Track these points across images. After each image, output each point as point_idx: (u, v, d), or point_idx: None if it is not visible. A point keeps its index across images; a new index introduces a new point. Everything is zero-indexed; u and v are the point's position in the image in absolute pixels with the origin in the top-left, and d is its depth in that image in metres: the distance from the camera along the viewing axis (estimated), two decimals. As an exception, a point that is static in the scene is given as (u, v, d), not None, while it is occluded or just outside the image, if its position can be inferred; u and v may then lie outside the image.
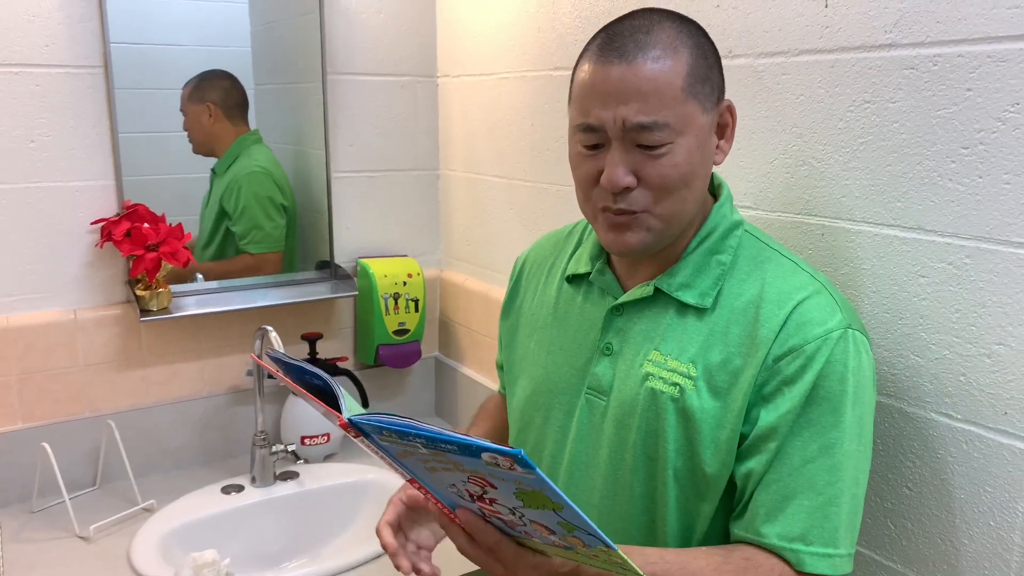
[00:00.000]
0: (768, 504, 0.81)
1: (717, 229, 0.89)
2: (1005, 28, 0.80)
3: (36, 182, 1.43)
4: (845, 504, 0.80)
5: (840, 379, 0.80)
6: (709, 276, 0.87)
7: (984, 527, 0.87)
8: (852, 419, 0.81)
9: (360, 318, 1.76)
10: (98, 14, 1.42)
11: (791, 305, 0.82)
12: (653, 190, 0.82)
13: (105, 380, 1.52)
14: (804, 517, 0.80)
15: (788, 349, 0.81)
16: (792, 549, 0.80)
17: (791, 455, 0.81)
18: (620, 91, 0.80)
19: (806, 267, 0.87)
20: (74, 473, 1.49)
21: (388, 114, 1.74)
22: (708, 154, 0.85)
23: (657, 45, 0.80)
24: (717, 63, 0.85)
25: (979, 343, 0.86)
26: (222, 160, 1.61)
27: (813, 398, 0.80)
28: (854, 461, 0.81)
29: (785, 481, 0.81)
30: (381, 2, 1.69)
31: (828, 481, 0.80)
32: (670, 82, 0.79)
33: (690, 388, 0.84)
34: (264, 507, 1.48)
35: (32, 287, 1.45)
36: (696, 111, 0.81)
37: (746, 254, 0.88)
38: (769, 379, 0.81)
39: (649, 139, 0.80)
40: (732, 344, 0.84)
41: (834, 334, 0.81)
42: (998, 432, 0.85)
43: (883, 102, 0.91)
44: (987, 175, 0.83)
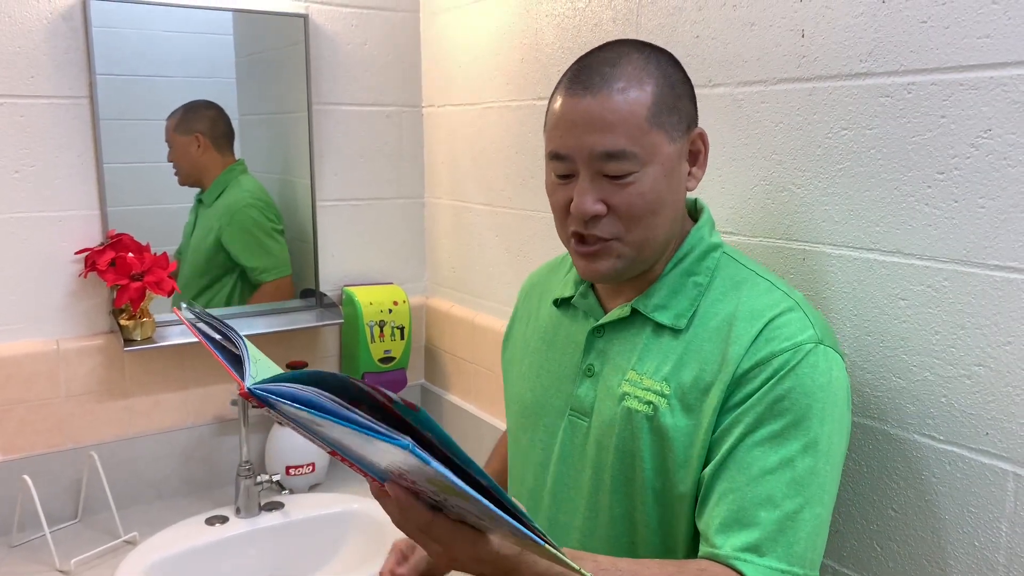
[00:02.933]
0: (724, 515, 0.80)
1: (694, 251, 0.90)
2: (976, 57, 0.82)
3: (20, 212, 1.42)
4: (805, 522, 0.78)
5: (806, 393, 0.80)
6: (685, 297, 0.88)
7: (969, 547, 0.87)
8: (819, 435, 0.79)
9: (346, 346, 1.75)
10: (83, 45, 1.43)
11: (763, 322, 0.83)
12: (622, 218, 0.84)
13: (87, 411, 1.50)
14: (758, 529, 0.78)
15: (756, 362, 0.81)
16: (745, 560, 0.77)
17: (750, 465, 0.79)
18: (586, 122, 0.82)
19: (783, 286, 0.88)
20: (55, 506, 1.47)
21: (373, 143, 1.76)
22: (677, 182, 0.86)
23: (622, 77, 0.82)
24: (688, 93, 0.87)
25: (959, 364, 0.87)
26: (210, 190, 1.61)
27: (777, 410, 0.80)
28: (819, 480, 0.79)
29: (743, 491, 0.79)
30: (366, 33, 1.71)
31: (787, 495, 0.78)
32: (634, 112, 0.82)
33: (663, 406, 0.85)
34: (249, 538, 1.46)
35: (15, 317, 1.44)
36: (662, 141, 0.83)
37: (723, 275, 0.89)
38: (735, 390, 0.82)
39: (615, 169, 0.82)
40: (704, 362, 0.84)
41: (804, 348, 0.81)
42: (980, 452, 0.86)
43: (860, 129, 0.93)
44: (962, 199, 0.85)
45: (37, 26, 1.40)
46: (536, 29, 1.43)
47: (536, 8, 1.43)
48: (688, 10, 1.12)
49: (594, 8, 1.29)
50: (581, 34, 1.33)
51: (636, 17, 1.21)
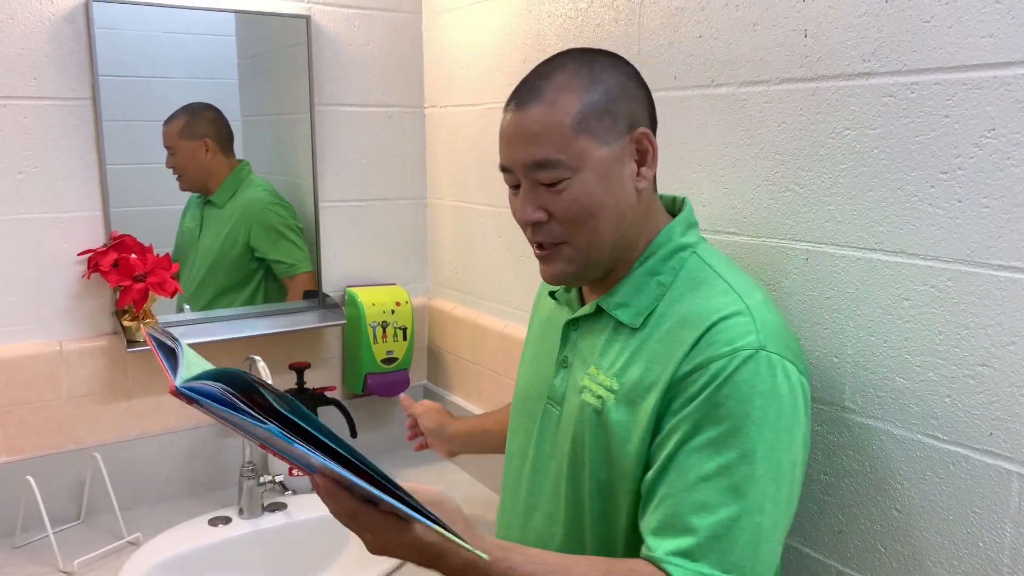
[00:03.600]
0: (660, 519, 0.81)
1: (659, 250, 0.91)
2: (979, 56, 0.82)
3: (23, 213, 1.43)
4: (744, 529, 0.78)
5: (743, 400, 0.79)
6: (647, 296, 0.90)
7: (973, 548, 0.87)
8: (758, 442, 0.79)
9: (348, 347, 1.75)
10: (86, 47, 1.43)
11: (706, 325, 0.83)
12: (562, 223, 0.88)
13: (90, 412, 1.50)
14: (691, 535, 0.78)
15: (695, 366, 0.82)
16: (675, 564, 0.78)
17: (688, 471, 0.80)
18: (517, 135, 0.87)
19: (741, 288, 0.87)
20: (58, 507, 1.47)
21: (376, 144, 1.76)
22: (618, 183, 0.87)
23: (549, 89, 0.86)
24: (629, 96, 0.88)
25: (963, 364, 0.87)
26: (220, 192, 1.61)
27: (715, 416, 0.80)
28: (760, 487, 0.78)
29: (679, 498, 0.80)
30: (369, 34, 1.71)
31: (722, 502, 0.78)
32: (558, 122, 0.85)
33: (611, 401, 0.88)
34: (252, 539, 1.46)
35: (17, 318, 1.45)
36: (591, 146, 0.85)
37: (686, 275, 0.89)
38: (677, 395, 0.82)
39: (547, 177, 0.86)
40: (652, 362, 0.86)
41: (742, 353, 0.80)
42: (984, 453, 0.86)
43: (863, 129, 0.93)
44: (966, 199, 0.85)
45: (40, 28, 1.40)
46: (538, 30, 1.43)
47: (538, 8, 1.43)
48: (690, 10, 1.12)
49: (596, 9, 1.29)
50: (583, 34, 1.33)
51: (638, 17, 1.21)
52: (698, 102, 1.12)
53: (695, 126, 1.13)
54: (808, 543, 1.05)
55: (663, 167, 1.19)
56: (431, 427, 1.39)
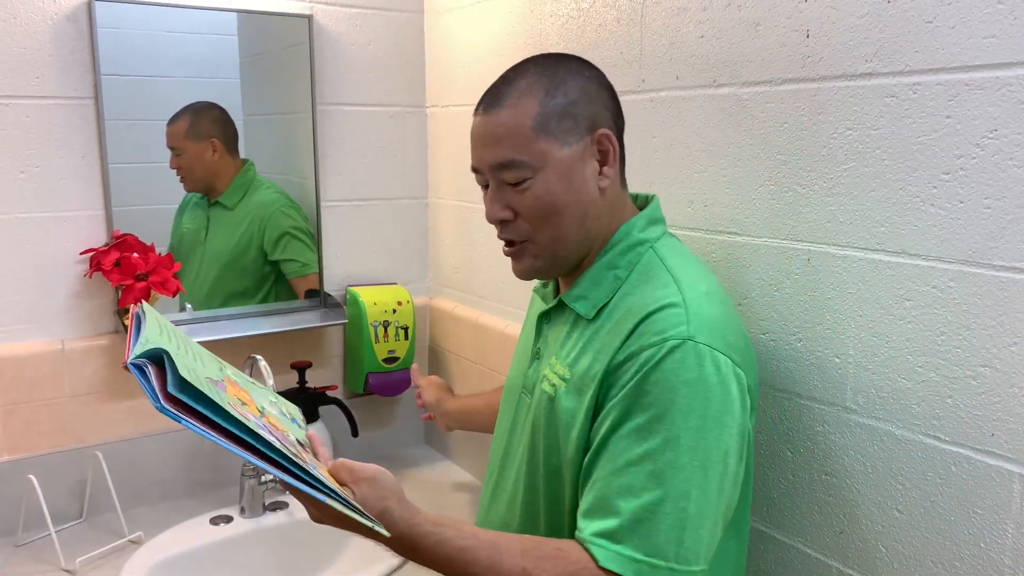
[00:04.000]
0: (590, 502, 0.84)
1: (618, 245, 0.94)
2: (981, 57, 0.82)
3: (25, 212, 1.43)
4: (667, 514, 0.80)
5: (668, 387, 0.82)
6: (603, 289, 0.93)
7: (974, 549, 0.87)
8: (683, 430, 0.81)
9: (349, 346, 1.75)
10: (89, 46, 1.44)
11: (641, 316, 0.86)
12: (527, 220, 0.92)
13: (92, 411, 1.51)
14: (616, 517, 0.81)
15: (627, 355, 0.85)
16: (598, 544, 0.81)
17: (616, 457, 0.83)
18: (482, 138, 0.93)
19: (684, 282, 0.89)
20: (60, 505, 1.47)
21: (377, 144, 1.76)
22: (580, 182, 0.91)
23: (511, 94, 0.91)
24: (587, 98, 0.92)
25: (965, 365, 0.87)
26: (229, 192, 1.61)
27: (642, 403, 0.83)
28: (684, 474, 0.81)
29: (607, 481, 0.83)
30: (370, 33, 1.71)
31: (646, 486, 0.81)
32: (520, 123, 0.89)
33: (562, 389, 0.92)
34: (253, 538, 1.46)
35: (19, 317, 1.45)
36: (552, 147, 0.90)
37: (640, 269, 0.93)
38: (612, 383, 0.86)
39: (511, 177, 0.91)
40: (598, 352, 0.89)
41: (669, 343, 0.83)
42: (986, 454, 0.86)
43: (865, 129, 0.93)
44: (968, 200, 0.85)
45: (42, 27, 1.40)
46: (540, 30, 1.43)
47: (540, 8, 1.43)
48: (692, 10, 1.12)
49: (598, 8, 1.29)
50: (585, 34, 1.33)
51: (640, 17, 1.21)
52: (700, 102, 1.12)
53: (697, 126, 1.13)
54: (809, 543, 1.05)
55: (664, 167, 1.19)
56: (431, 401, 1.49)
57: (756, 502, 1.11)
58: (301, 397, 1.63)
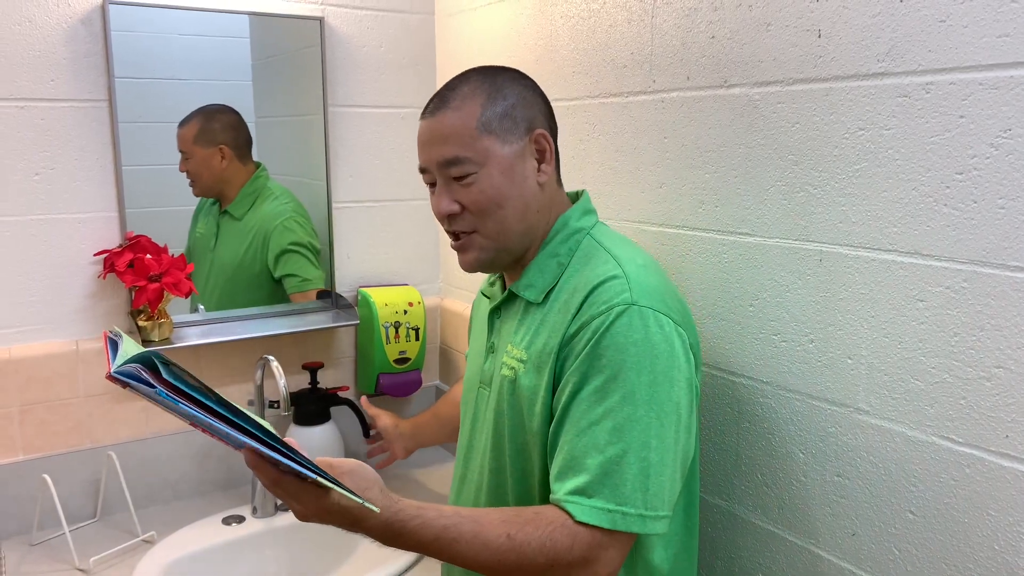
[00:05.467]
0: (560, 464, 0.90)
1: (558, 235, 1.02)
2: (995, 56, 0.82)
3: (40, 214, 1.44)
4: (631, 464, 0.86)
5: (619, 349, 0.88)
6: (548, 275, 1.00)
7: (988, 551, 0.87)
8: (637, 386, 0.88)
9: (361, 347, 1.76)
10: (103, 49, 1.45)
11: (587, 290, 0.93)
12: (473, 213, 0.98)
13: (106, 411, 1.52)
14: (585, 474, 0.87)
15: (579, 326, 0.92)
16: (572, 501, 0.87)
17: (579, 419, 0.89)
18: (429, 138, 0.99)
19: (622, 258, 0.96)
20: (74, 505, 1.49)
21: (389, 145, 1.76)
22: (521, 178, 0.98)
23: (456, 97, 0.98)
24: (524, 102, 0.99)
25: (978, 366, 0.86)
26: (238, 202, 1.61)
27: (597, 367, 0.89)
28: (642, 426, 0.87)
29: (573, 443, 0.89)
30: (381, 35, 1.72)
31: (609, 441, 0.87)
32: (464, 123, 0.96)
33: (521, 370, 0.98)
34: (265, 538, 1.47)
35: (34, 318, 1.46)
36: (495, 145, 0.97)
37: (580, 254, 1.00)
38: (568, 354, 0.93)
39: (456, 172, 0.97)
40: (552, 330, 0.96)
41: (615, 309, 0.90)
42: (1000, 455, 0.85)
43: (878, 129, 0.93)
44: (981, 200, 0.84)
45: (57, 30, 1.41)
46: (551, 31, 1.43)
47: (551, 10, 1.43)
48: (703, 10, 1.12)
49: (609, 9, 1.29)
50: (596, 35, 1.33)
51: (651, 18, 1.21)
52: (711, 103, 1.12)
53: (708, 127, 1.13)
54: (821, 545, 1.04)
55: (675, 167, 1.19)
56: (388, 425, 1.51)
57: (768, 503, 1.10)
58: (312, 397, 1.63)
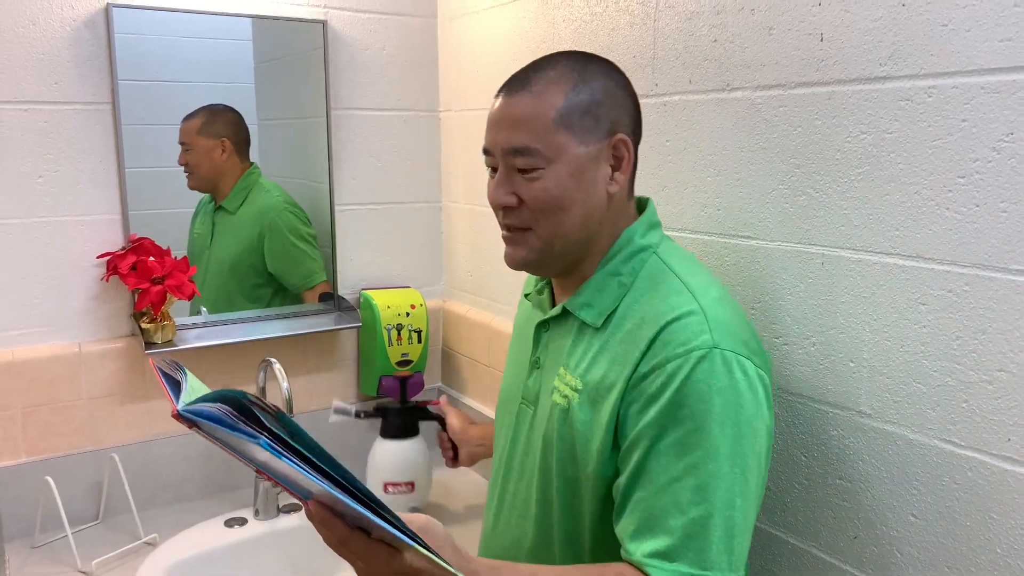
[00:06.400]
0: (636, 522, 0.83)
1: (621, 252, 0.94)
2: (998, 60, 0.82)
3: (43, 216, 1.44)
4: (716, 527, 0.80)
5: (702, 398, 0.81)
6: (608, 296, 0.92)
7: (991, 554, 0.87)
8: (721, 439, 0.81)
9: (363, 349, 1.76)
10: (106, 52, 1.45)
11: (660, 325, 0.85)
12: (531, 210, 0.91)
13: (109, 413, 1.52)
14: (667, 536, 0.81)
15: (652, 367, 0.84)
16: (654, 565, 0.81)
17: (658, 474, 0.82)
18: (500, 119, 0.91)
19: (697, 287, 0.89)
20: (77, 507, 1.49)
21: (391, 148, 1.77)
22: (590, 183, 0.90)
23: (539, 81, 0.89)
24: (616, 102, 0.91)
25: (980, 370, 0.86)
26: (231, 197, 1.62)
27: (675, 417, 0.82)
28: (726, 483, 0.81)
29: (651, 500, 0.82)
30: (384, 38, 1.72)
31: (692, 501, 0.80)
32: (541, 113, 0.88)
33: (576, 401, 0.91)
34: (267, 540, 1.47)
35: (37, 321, 1.46)
36: (570, 142, 0.89)
37: (645, 275, 0.92)
38: (637, 396, 0.85)
39: (521, 163, 0.89)
40: (613, 361, 0.88)
41: (696, 353, 0.82)
42: (1002, 459, 0.85)
43: (880, 133, 0.93)
44: (984, 204, 0.84)
45: (61, 33, 1.42)
46: (553, 34, 1.44)
47: (553, 13, 1.43)
48: (706, 14, 1.12)
49: (611, 13, 1.30)
50: (598, 39, 1.33)
51: (653, 21, 1.21)
52: (713, 106, 1.12)
53: (710, 130, 1.13)
54: (824, 548, 1.04)
55: (677, 171, 1.19)
56: (457, 427, 1.41)
57: (770, 506, 1.10)
58: (403, 410, 1.57)
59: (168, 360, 0.83)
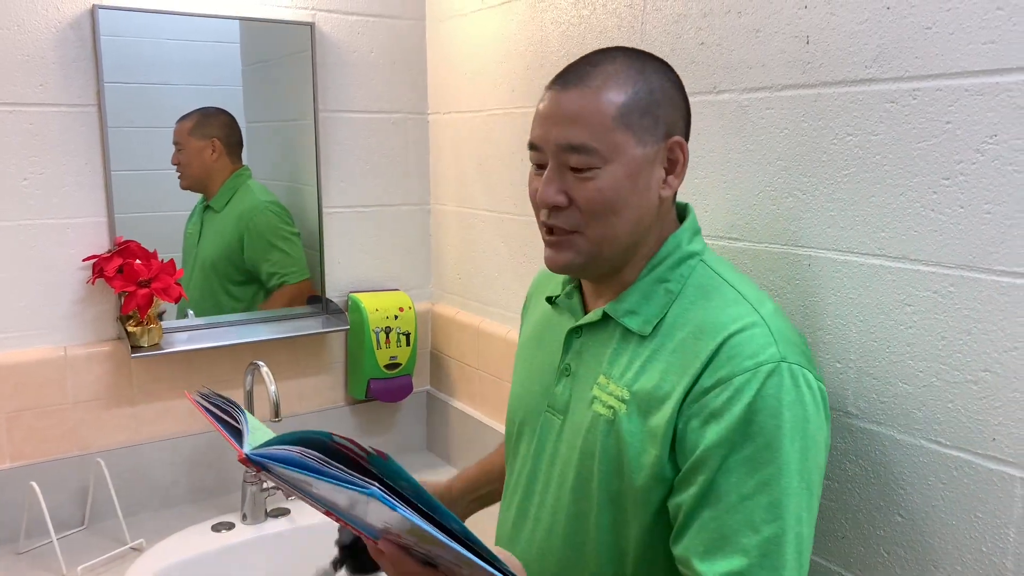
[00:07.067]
0: (706, 543, 0.79)
1: (669, 258, 0.90)
2: (981, 63, 0.83)
3: (28, 219, 1.43)
4: (789, 544, 0.77)
5: (773, 413, 0.78)
6: (655, 304, 0.88)
7: (976, 553, 0.87)
8: (791, 454, 0.78)
9: (351, 352, 1.76)
10: (92, 53, 1.44)
11: (723, 336, 0.82)
12: (582, 212, 0.86)
13: (95, 418, 1.51)
14: (742, 555, 0.77)
15: (716, 381, 0.80)
16: None
17: (728, 492, 0.78)
18: (555, 113, 0.85)
19: (752, 297, 0.86)
20: (62, 513, 1.47)
21: (379, 150, 1.76)
22: (644, 186, 0.86)
23: (599, 76, 0.85)
24: (673, 102, 0.87)
25: (966, 370, 0.87)
26: (218, 196, 1.62)
27: (746, 433, 0.78)
28: (796, 498, 0.78)
29: (723, 519, 0.78)
30: (372, 41, 1.72)
31: (767, 519, 0.77)
32: (601, 110, 0.83)
33: (622, 411, 0.86)
34: (255, 545, 1.46)
35: (23, 324, 1.45)
36: (628, 142, 0.84)
37: (694, 283, 0.88)
38: (699, 410, 0.81)
39: (577, 161, 0.84)
40: (666, 372, 0.84)
41: (765, 367, 0.79)
42: (987, 458, 0.86)
43: (865, 135, 0.93)
44: (968, 205, 0.85)
45: (46, 34, 1.41)
46: (541, 37, 1.44)
47: (541, 16, 1.43)
48: (693, 17, 1.13)
49: (599, 16, 1.30)
50: (586, 41, 1.33)
51: (641, 24, 1.22)
52: (700, 108, 1.13)
53: (697, 132, 1.14)
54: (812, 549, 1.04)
55: (666, 173, 1.19)
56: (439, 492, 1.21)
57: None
58: None
59: (214, 395, 0.79)
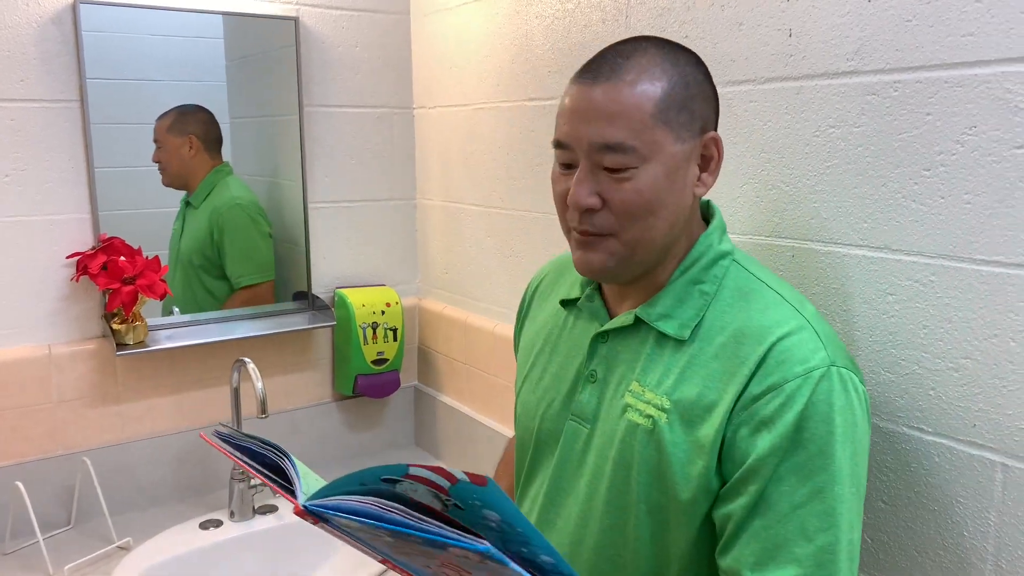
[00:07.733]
0: (758, 553, 0.76)
1: (702, 258, 0.86)
2: (960, 55, 0.84)
3: (10, 216, 1.42)
4: (843, 551, 0.75)
5: (825, 419, 0.76)
6: (691, 307, 0.85)
7: (958, 537, 0.89)
8: (843, 460, 0.76)
9: (338, 348, 1.76)
10: (74, 49, 1.43)
11: (771, 341, 0.78)
12: (617, 214, 0.81)
13: (80, 416, 1.50)
14: (795, 566, 0.75)
15: (767, 387, 0.77)
16: None
17: (779, 501, 0.76)
18: (588, 110, 0.80)
19: (792, 300, 0.83)
20: (48, 512, 1.47)
21: (365, 145, 1.76)
22: (681, 184, 0.82)
23: (632, 69, 0.79)
24: (706, 95, 0.84)
25: (947, 358, 0.88)
26: (197, 192, 1.62)
27: (798, 440, 0.76)
28: (848, 505, 0.76)
29: (775, 529, 0.76)
30: (357, 35, 1.72)
31: (820, 527, 0.75)
32: (639, 106, 0.79)
33: (663, 421, 0.82)
34: (243, 542, 1.46)
35: (5, 322, 1.44)
36: (667, 139, 0.80)
37: (731, 285, 0.85)
38: (748, 419, 0.78)
39: (613, 161, 0.79)
40: (709, 379, 0.81)
41: (816, 372, 0.76)
42: (968, 444, 0.87)
43: (847, 126, 0.94)
44: (948, 195, 0.86)
45: (27, 30, 1.40)
46: (526, 31, 1.44)
47: (526, 10, 1.44)
48: (677, 10, 1.13)
49: (583, 9, 1.30)
50: (571, 35, 1.34)
51: (625, 18, 1.22)
52: (685, 101, 1.13)
53: (682, 125, 1.14)
54: (797, 536, 1.06)
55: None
56: None
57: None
58: None
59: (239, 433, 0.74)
